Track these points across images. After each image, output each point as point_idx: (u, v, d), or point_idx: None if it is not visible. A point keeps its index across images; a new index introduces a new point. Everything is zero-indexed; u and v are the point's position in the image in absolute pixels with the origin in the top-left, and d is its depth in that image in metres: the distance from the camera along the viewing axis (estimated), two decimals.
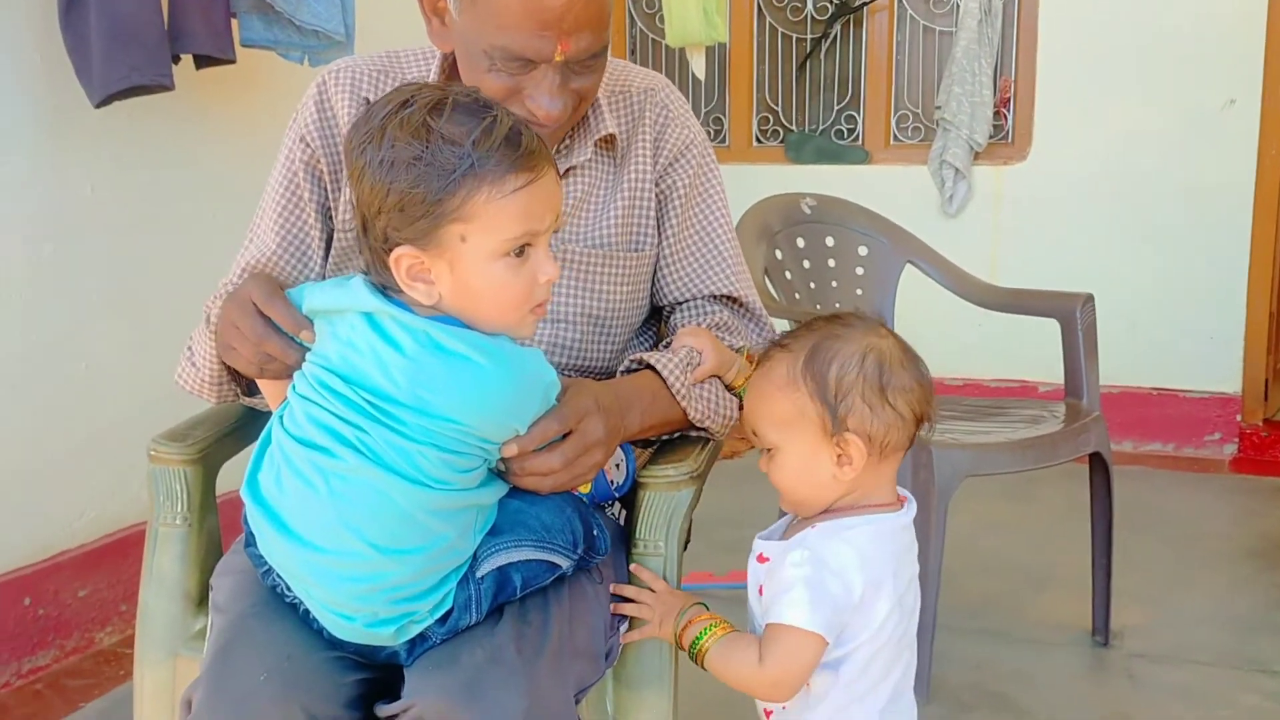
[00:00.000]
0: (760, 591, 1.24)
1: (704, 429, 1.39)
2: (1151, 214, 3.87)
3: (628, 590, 1.30)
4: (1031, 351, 3.27)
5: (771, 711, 1.28)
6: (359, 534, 1.06)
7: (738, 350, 1.42)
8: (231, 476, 1.46)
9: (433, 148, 1.04)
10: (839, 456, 1.19)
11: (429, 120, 1.05)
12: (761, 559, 1.25)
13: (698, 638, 1.24)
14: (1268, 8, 3.66)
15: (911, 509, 1.25)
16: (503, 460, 1.13)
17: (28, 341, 2.31)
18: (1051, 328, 2.52)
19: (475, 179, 1.05)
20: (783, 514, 1.31)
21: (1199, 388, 3.85)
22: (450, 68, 1.38)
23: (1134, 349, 3.80)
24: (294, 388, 1.14)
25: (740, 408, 1.40)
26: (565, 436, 1.16)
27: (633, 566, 1.33)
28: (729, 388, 1.40)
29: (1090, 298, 2.51)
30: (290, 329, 1.16)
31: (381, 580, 1.07)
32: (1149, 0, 3.79)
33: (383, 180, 1.05)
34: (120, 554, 2.46)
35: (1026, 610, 2.69)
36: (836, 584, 1.15)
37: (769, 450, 1.23)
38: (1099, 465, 2.41)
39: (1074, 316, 2.47)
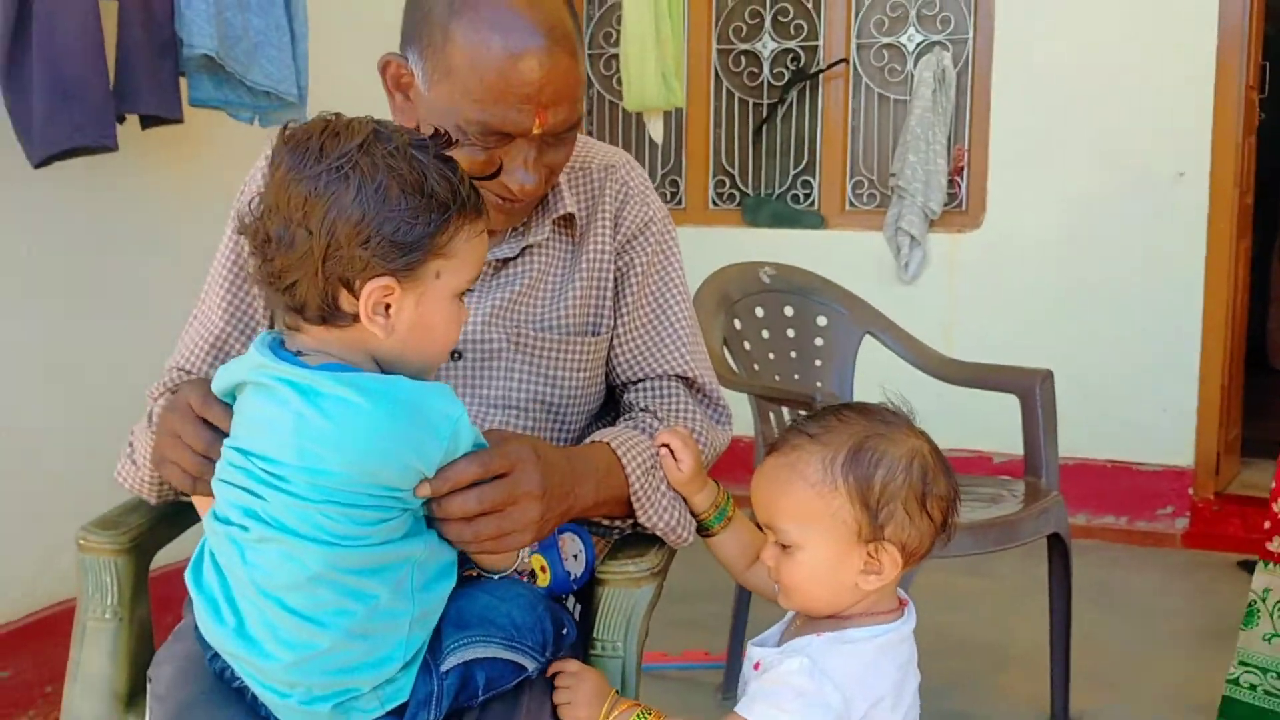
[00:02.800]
0: None
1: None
2: (1105, 283, 3.90)
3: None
4: (987, 423, 3.26)
5: None
6: (280, 603, 1.03)
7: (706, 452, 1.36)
8: (164, 552, 1.40)
9: (430, 181, 1.03)
10: (867, 563, 1.13)
11: (418, 155, 1.04)
12: (758, 666, 1.18)
13: None
14: (1214, 77, 3.72)
15: (912, 618, 1.19)
16: (427, 507, 1.08)
17: None
18: (1009, 399, 2.51)
19: (461, 217, 1.05)
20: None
21: (1152, 460, 3.87)
22: None
23: (1088, 420, 3.80)
24: (215, 474, 1.11)
25: (703, 531, 1.34)
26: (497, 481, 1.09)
27: (554, 664, 1.21)
28: (693, 514, 1.34)
29: (1049, 374, 2.50)
30: (229, 430, 1.11)
31: (311, 650, 1.03)
32: (1100, 71, 3.85)
33: (374, 210, 1.01)
34: (46, 633, 2.36)
35: (986, 692, 2.65)
36: (837, 698, 1.09)
37: (784, 547, 1.16)
38: (1058, 546, 2.39)
39: (1034, 394, 2.46)
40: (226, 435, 1.11)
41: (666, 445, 1.31)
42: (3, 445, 2.31)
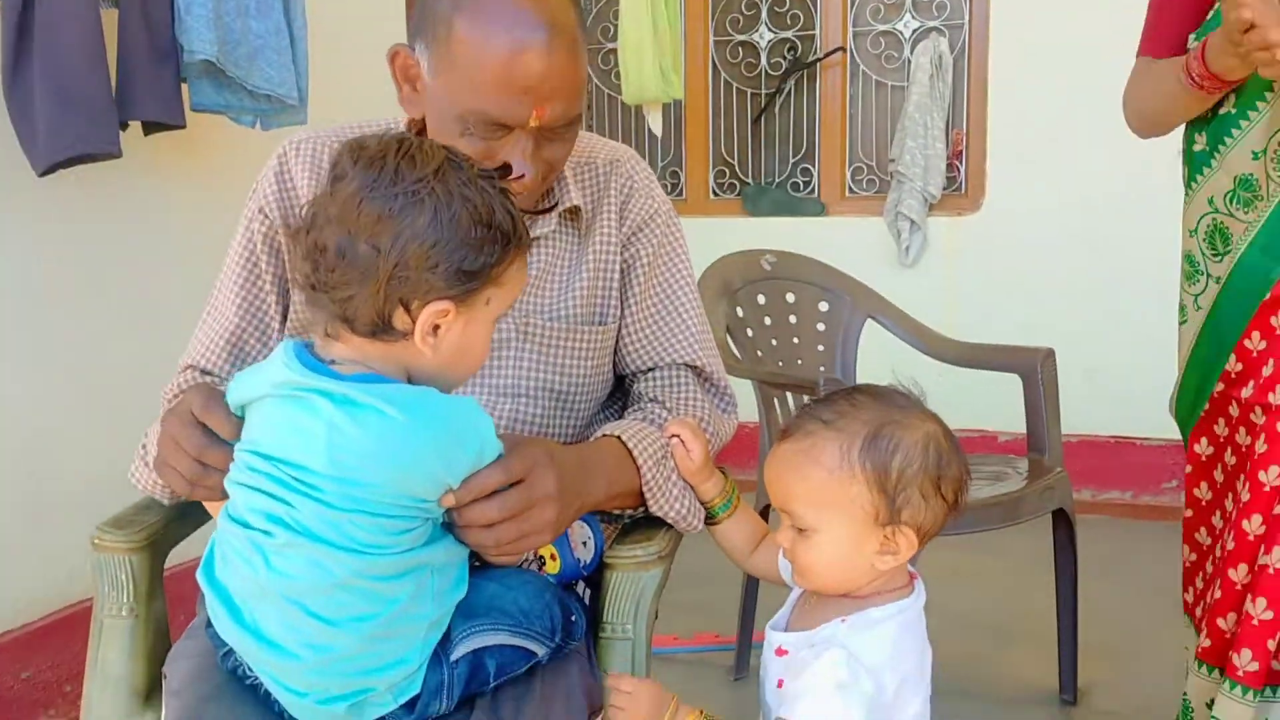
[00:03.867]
0: (780, 685, 1.18)
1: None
2: (1104, 262, 3.91)
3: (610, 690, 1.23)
4: (991, 402, 3.27)
5: None
6: (302, 607, 1.04)
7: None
8: (177, 550, 1.42)
9: (498, 213, 1.06)
10: (883, 545, 1.15)
11: (486, 185, 1.06)
12: (780, 652, 1.20)
13: None
14: None
15: (923, 593, 1.21)
16: (447, 515, 1.09)
17: None
18: (1012, 378, 2.52)
19: (516, 248, 1.08)
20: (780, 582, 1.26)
21: (1156, 435, 3.87)
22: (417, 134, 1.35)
23: (1091, 397, 3.81)
24: (229, 476, 1.11)
25: (709, 520, 1.37)
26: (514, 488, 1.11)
27: (608, 678, 1.25)
28: (702, 503, 1.36)
29: (1051, 353, 2.51)
30: (229, 435, 1.12)
31: (332, 652, 1.04)
32: (1098, 51, 3.83)
33: (448, 236, 1.03)
34: (65, 633, 2.38)
35: (993, 669, 2.66)
36: (870, 683, 1.11)
37: (800, 530, 1.17)
38: (1063, 521, 2.40)
39: (1035, 372, 2.48)
40: (226, 441, 1.12)
41: (677, 435, 1.32)
42: (19, 448, 2.33)
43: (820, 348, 2.73)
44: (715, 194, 4.54)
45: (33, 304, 2.35)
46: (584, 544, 1.30)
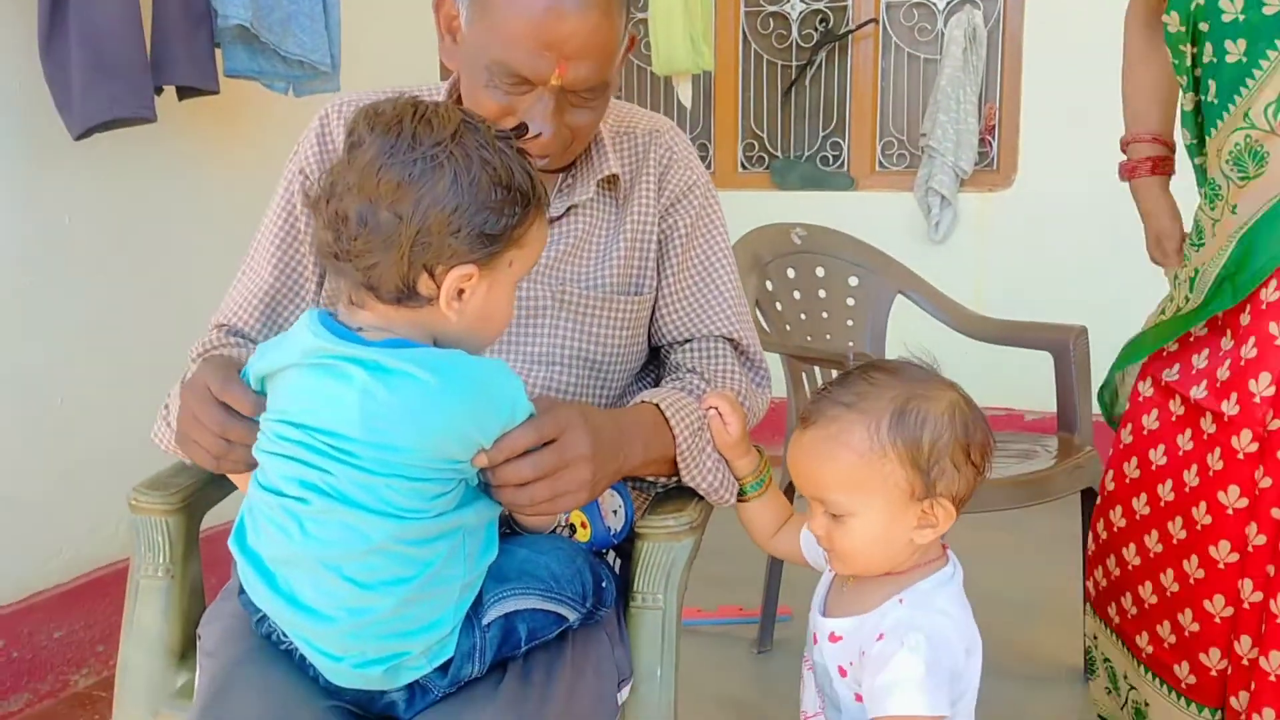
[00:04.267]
0: (844, 673, 1.18)
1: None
2: (1136, 240, 3.85)
3: None
4: (1020, 380, 3.26)
5: None
6: (338, 572, 1.04)
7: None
8: (213, 512, 1.44)
9: (517, 174, 1.05)
10: (921, 519, 1.14)
11: (504, 147, 1.05)
12: (834, 638, 1.19)
13: None
14: None
15: (958, 562, 1.22)
16: (482, 475, 1.10)
17: (1, 374, 2.26)
18: (1040, 355, 2.50)
19: (535, 209, 1.08)
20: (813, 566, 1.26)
21: None
22: (457, 101, 1.35)
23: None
24: (258, 446, 1.12)
25: (740, 496, 1.37)
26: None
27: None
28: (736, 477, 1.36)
29: (1084, 330, 2.50)
30: (250, 412, 1.13)
31: (368, 615, 1.05)
32: None
33: (469, 200, 1.02)
34: (98, 594, 2.41)
35: (1017, 645, 2.66)
36: (948, 657, 1.11)
37: (836, 516, 1.16)
38: (1091, 500, 2.39)
39: (1068, 350, 2.46)
40: (246, 417, 1.13)
41: (715, 408, 1.32)
42: (50, 412, 2.35)
43: (850, 322, 2.72)
44: (744, 167, 4.52)
45: (68, 266, 2.37)
46: (614, 512, 1.30)
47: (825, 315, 2.72)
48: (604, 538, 1.28)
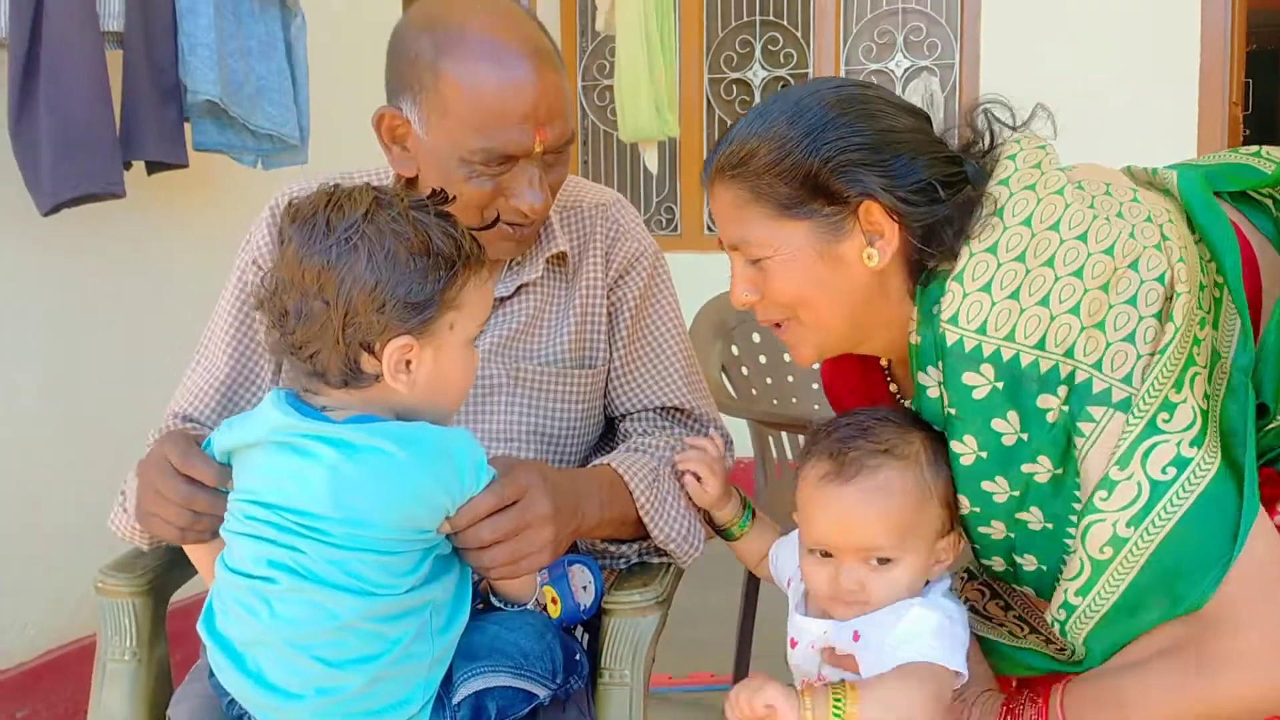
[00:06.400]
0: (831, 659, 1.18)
1: (667, 553, 1.36)
2: None
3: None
4: None
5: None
6: (307, 651, 1.05)
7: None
8: (181, 589, 1.43)
9: (435, 240, 1.07)
10: (941, 554, 1.17)
11: (419, 216, 1.08)
12: (856, 637, 1.14)
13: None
14: (1198, 95, 3.78)
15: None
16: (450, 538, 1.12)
17: None
18: None
19: (467, 269, 1.10)
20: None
21: None
22: (405, 188, 1.37)
23: None
24: (225, 526, 1.13)
25: (727, 538, 1.38)
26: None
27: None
28: (718, 529, 1.38)
29: None
30: (213, 482, 1.14)
31: (337, 694, 1.05)
32: (1084, 92, 3.87)
33: (387, 275, 1.05)
34: (61, 672, 2.37)
35: None
36: (962, 629, 1.13)
37: (878, 565, 1.13)
38: None
39: None
40: (210, 488, 1.14)
41: (690, 472, 1.35)
42: (12, 491, 2.32)
43: (815, 386, 2.74)
44: (710, 230, 4.57)
45: (36, 341, 2.36)
46: (584, 588, 1.31)
47: (790, 379, 2.74)
48: (574, 613, 1.29)
